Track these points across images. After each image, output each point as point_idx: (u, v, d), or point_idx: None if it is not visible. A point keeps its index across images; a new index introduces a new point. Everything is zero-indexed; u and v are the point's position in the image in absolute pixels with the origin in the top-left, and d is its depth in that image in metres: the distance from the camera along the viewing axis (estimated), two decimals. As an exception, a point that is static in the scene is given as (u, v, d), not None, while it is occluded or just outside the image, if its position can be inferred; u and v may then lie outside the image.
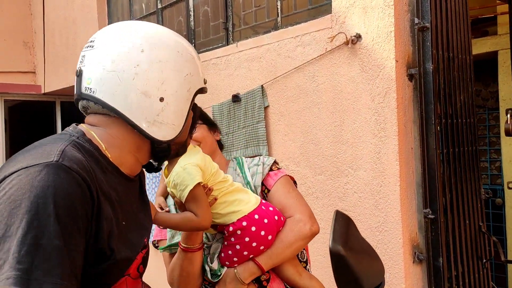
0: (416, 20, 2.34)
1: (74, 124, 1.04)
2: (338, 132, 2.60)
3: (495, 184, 4.83)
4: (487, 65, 4.45)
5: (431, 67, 2.32)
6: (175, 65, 1.02)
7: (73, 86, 1.04)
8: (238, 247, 1.38)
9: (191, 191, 1.25)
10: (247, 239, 1.37)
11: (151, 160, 1.14)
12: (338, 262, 0.68)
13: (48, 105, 6.31)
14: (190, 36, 3.92)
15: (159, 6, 4.31)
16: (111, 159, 0.99)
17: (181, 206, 1.32)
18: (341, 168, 2.59)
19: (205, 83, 1.14)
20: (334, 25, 2.61)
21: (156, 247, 1.62)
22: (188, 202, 1.27)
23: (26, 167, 0.83)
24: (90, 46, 1.01)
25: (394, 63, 2.33)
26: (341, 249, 0.66)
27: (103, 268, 0.91)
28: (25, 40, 6.17)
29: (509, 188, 3.07)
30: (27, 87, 6.05)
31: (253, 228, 1.37)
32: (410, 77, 2.40)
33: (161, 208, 1.54)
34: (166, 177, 1.33)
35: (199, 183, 1.27)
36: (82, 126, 1.02)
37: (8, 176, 0.84)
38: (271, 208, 1.45)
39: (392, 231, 2.36)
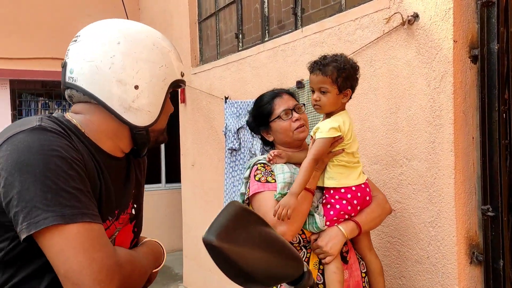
0: (479, -6, 2.09)
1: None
2: (394, 120, 2.45)
3: None
4: None
5: (496, 47, 2.05)
6: (149, 56, 1.11)
7: None
8: (338, 206, 1.78)
9: (321, 138, 1.75)
10: (344, 201, 1.78)
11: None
12: (214, 253, 0.69)
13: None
14: (264, 23, 3.96)
15: (239, -5, 4.42)
16: (89, 137, 1.11)
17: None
18: (396, 157, 2.44)
19: (182, 76, 1.20)
20: (392, 5, 2.44)
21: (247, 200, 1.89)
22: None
23: (14, 134, 0.98)
24: (74, 41, 1.14)
25: (452, 44, 2.11)
26: (214, 239, 0.68)
27: None
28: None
29: None
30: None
31: (349, 195, 1.79)
32: (474, 58, 2.15)
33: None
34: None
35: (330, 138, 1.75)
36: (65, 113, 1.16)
37: (1, 145, 0.98)
38: (368, 189, 1.87)
39: (445, 227, 2.17)
